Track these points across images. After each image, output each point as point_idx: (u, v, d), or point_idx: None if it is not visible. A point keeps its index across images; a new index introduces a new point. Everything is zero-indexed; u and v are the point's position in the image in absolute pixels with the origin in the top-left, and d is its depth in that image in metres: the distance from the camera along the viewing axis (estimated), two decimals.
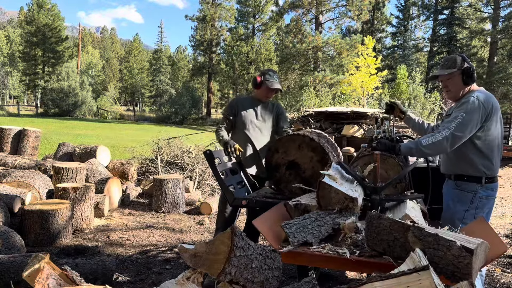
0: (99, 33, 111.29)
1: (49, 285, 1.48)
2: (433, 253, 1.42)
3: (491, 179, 2.49)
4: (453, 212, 2.52)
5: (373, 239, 1.62)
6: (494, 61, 32.03)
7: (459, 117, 2.37)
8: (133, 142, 12.57)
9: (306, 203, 2.15)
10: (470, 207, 2.47)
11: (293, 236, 1.77)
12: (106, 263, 3.13)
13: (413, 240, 1.48)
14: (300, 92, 24.11)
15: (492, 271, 3.62)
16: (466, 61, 2.49)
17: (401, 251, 1.51)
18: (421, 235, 1.46)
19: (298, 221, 1.88)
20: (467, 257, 1.35)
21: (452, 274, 1.39)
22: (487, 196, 2.48)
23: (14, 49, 53.27)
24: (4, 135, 6.93)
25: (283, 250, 1.73)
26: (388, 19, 39.07)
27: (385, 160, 2.41)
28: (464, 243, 1.41)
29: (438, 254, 1.41)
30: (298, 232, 1.80)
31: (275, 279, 1.55)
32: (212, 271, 1.38)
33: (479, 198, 2.47)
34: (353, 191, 2.01)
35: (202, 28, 40.66)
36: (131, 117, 40.74)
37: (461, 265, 1.36)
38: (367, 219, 1.65)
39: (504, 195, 7.59)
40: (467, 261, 1.35)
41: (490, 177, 2.48)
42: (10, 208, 4.23)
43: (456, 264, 1.37)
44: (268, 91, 3.48)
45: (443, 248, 1.40)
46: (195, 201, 6.21)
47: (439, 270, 1.40)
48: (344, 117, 7.30)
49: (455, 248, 1.37)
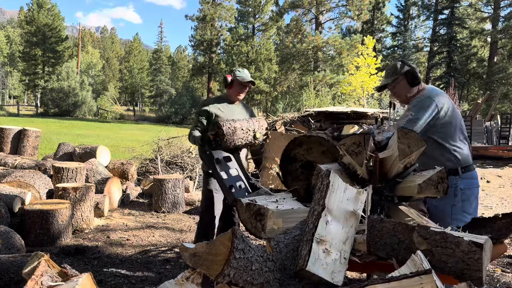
0: (99, 33, 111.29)
1: (42, 282, 1.48)
2: (441, 252, 1.39)
3: (467, 168, 2.48)
4: (441, 210, 2.49)
5: (376, 244, 1.57)
6: (494, 61, 32.03)
7: (409, 115, 2.40)
8: (133, 142, 12.58)
9: (261, 204, 1.99)
10: (455, 201, 2.45)
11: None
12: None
13: (418, 240, 1.45)
14: (300, 92, 24.12)
15: (492, 271, 3.62)
16: (407, 64, 2.54)
17: (406, 254, 1.47)
18: (428, 234, 1.43)
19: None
20: (477, 252, 1.33)
21: (461, 273, 1.36)
22: (468, 187, 2.47)
23: (14, 49, 53.29)
24: (4, 135, 6.93)
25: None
26: (388, 19, 39.07)
27: (407, 134, 2.05)
28: (472, 238, 1.39)
29: (447, 252, 1.38)
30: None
31: (276, 281, 1.54)
32: (211, 272, 1.37)
33: (460, 190, 2.45)
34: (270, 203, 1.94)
35: (202, 28, 40.65)
36: (131, 117, 40.75)
37: (471, 261, 1.34)
38: (369, 224, 1.60)
39: (504, 195, 7.58)
40: (477, 256, 1.32)
41: (464, 166, 2.47)
42: (10, 208, 4.23)
43: (466, 261, 1.34)
44: (241, 87, 3.33)
45: (452, 245, 1.37)
46: (195, 201, 6.20)
47: (448, 270, 1.38)
48: (344, 117, 7.31)
49: (464, 244, 1.35)
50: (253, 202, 2.02)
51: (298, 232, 1.77)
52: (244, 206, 2.02)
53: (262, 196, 2.25)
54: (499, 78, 30.83)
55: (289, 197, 2.32)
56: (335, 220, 1.63)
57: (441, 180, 2.02)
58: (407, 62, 2.54)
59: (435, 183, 2.01)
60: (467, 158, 2.50)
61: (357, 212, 1.67)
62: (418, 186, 2.02)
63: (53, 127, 20.35)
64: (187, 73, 54.04)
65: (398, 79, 2.53)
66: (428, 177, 2.01)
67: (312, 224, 1.62)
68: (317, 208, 1.68)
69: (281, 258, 1.62)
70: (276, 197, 2.31)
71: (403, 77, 2.52)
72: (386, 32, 40.74)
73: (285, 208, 1.99)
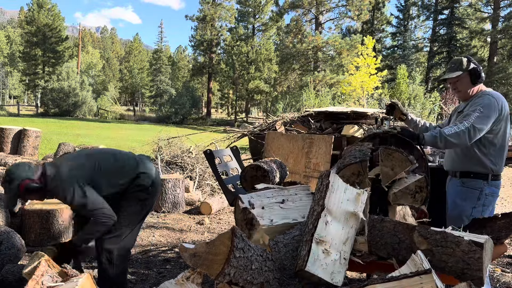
0: (99, 33, 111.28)
1: (43, 282, 1.48)
2: (442, 251, 1.39)
3: (497, 176, 2.52)
4: (461, 210, 2.53)
5: (377, 244, 1.57)
6: (494, 61, 32.01)
7: (477, 111, 2.40)
8: (133, 142, 12.58)
9: (254, 213, 1.91)
10: (477, 204, 2.48)
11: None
12: None
13: (419, 240, 1.45)
14: (300, 92, 24.13)
15: (492, 271, 3.62)
16: (472, 61, 2.53)
17: (407, 253, 1.47)
18: (428, 233, 1.43)
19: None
20: (477, 252, 1.32)
21: (462, 272, 1.36)
22: (492, 193, 2.51)
23: (14, 49, 53.27)
24: (4, 135, 6.93)
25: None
26: (388, 19, 39.05)
27: (390, 155, 2.04)
28: (473, 238, 1.39)
29: (447, 251, 1.38)
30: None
31: (276, 280, 1.54)
32: (211, 271, 1.37)
33: (485, 195, 2.48)
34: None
35: (202, 28, 40.64)
36: (131, 117, 40.75)
37: (471, 261, 1.33)
38: (370, 224, 1.60)
39: (504, 195, 7.58)
40: (477, 255, 1.32)
41: (496, 174, 2.50)
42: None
43: (467, 260, 1.34)
44: None
45: (452, 245, 1.37)
46: (195, 201, 6.21)
47: (448, 270, 1.38)
48: (344, 117, 7.29)
49: (464, 244, 1.35)
50: (249, 208, 1.93)
51: (298, 233, 1.76)
52: (240, 208, 1.97)
53: (270, 192, 2.12)
54: (499, 78, 30.83)
55: (304, 192, 2.15)
56: (335, 221, 1.63)
57: (419, 190, 1.99)
58: (472, 59, 2.54)
59: (412, 192, 1.99)
60: (501, 167, 2.54)
61: (357, 213, 1.67)
62: (393, 195, 2.01)
63: (53, 127, 20.35)
64: (187, 73, 54.02)
65: (462, 75, 2.53)
66: (405, 186, 2.00)
67: (312, 224, 1.61)
68: (316, 208, 1.67)
69: (280, 258, 1.62)
70: (288, 192, 2.14)
71: (467, 74, 2.52)
72: (386, 32, 40.72)
73: (280, 223, 1.88)
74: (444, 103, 22.11)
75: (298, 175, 4.89)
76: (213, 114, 48.72)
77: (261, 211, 1.95)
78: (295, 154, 5.02)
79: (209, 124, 35.23)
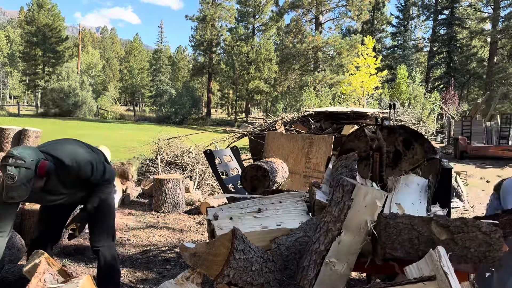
0: (99, 33, 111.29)
1: (45, 280, 1.49)
2: (465, 237, 1.43)
3: None
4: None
5: (393, 243, 1.45)
6: (494, 61, 32.00)
7: None
8: (133, 142, 12.57)
9: (215, 224, 1.91)
10: None
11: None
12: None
13: (438, 230, 1.44)
14: (300, 92, 24.13)
15: None
16: None
17: (427, 247, 1.41)
18: (448, 221, 1.44)
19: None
20: (498, 231, 1.40)
21: (484, 256, 1.42)
22: None
23: (14, 49, 53.28)
24: (4, 135, 6.92)
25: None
26: (388, 19, 39.06)
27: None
28: (487, 221, 1.47)
29: (470, 236, 1.42)
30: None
31: (276, 281, 1.54)
32: (210, 272, 1.37)
33: None
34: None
35: (202, 28, 40.64)
36: (131, 117, 40.74)
37: (493, 241, 1.40)
38: (381, 223, 1.48)
39: None
40: (498, 234, 1.40)
41: None
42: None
43: (489, 241, 1.40)
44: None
45: (473, 229, 1.42)
46: (195, 201, 6.21)
47: (471, 256, 1.43)
48: (344, 117, 7.30)
49: (485, 226, 1.41)
50: (212, 220, 1.92)
51: (302, 234, 1.74)
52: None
53: (246, 202, 2.09)
54: (499, 78, 30.83)
55: (293, 198, 2.11)
56: (348, 233, 1.52)
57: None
58: None
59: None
60: None
61: (371, 219, 1.53)
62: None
63: (54, 127, 20.35)
64: (187, 73, 54.02)
65: None
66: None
67: (324, 246, 1.51)
68: (332, 228, 1.54)
69: (281, 260, 1.62)
70: (269, 201, 2.11)
71: None
72: (386, 32, 40.75)
73: (243, 232, 1.83)
74: (444, 103, 22.11)
75: (298, 175, 4.89)
76: (213, 114, 48.72)
77: (227, 222, 1.92)
78: (295, 154, 5.02)
79: (209, 124, 35.23)
